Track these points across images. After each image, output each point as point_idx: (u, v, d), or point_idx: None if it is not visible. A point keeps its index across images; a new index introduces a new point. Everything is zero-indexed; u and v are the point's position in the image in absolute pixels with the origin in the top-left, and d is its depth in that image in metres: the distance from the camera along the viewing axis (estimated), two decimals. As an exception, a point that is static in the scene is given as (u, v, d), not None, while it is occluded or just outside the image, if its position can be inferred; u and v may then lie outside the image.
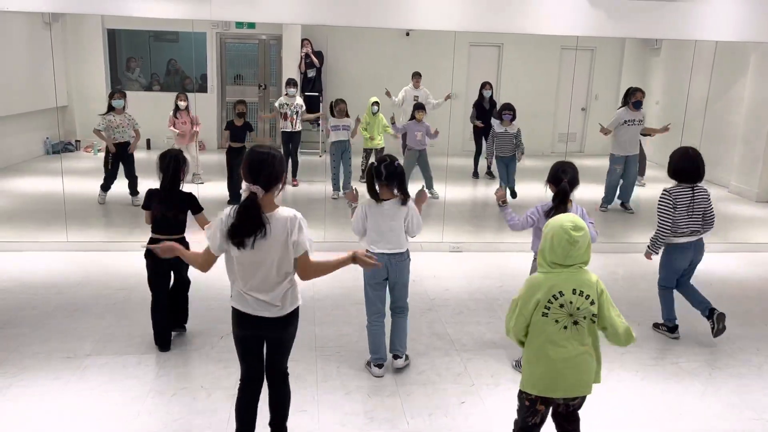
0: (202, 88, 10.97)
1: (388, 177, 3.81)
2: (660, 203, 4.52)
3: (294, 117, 8.67)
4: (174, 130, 8.34)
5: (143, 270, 4.22)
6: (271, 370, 3.11)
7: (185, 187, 4.27)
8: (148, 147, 9.63)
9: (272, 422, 3.19)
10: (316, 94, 9.75)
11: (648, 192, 8.91)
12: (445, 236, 6.83)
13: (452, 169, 8.54)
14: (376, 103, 8.63)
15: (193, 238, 4.08)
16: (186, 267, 4.34)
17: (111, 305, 4.96)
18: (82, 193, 7.76)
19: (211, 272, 3.03)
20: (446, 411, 3.69)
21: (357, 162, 8.82)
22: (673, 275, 4.67)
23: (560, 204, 3.90)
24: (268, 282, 2.87)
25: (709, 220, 4.56)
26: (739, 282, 6.10)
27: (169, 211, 4.12)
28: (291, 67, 9.61)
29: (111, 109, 7.50)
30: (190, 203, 4.22)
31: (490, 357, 4.35)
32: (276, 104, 8.84)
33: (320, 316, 4.88)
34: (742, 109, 9.44)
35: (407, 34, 9.97)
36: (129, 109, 7.66)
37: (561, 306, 2.73)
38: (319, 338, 4.53)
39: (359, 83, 10.04)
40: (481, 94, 9.75)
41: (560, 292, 2.73)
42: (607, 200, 8.31)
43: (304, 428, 3.45)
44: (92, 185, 7.83)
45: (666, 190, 4.52)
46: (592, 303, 2.75)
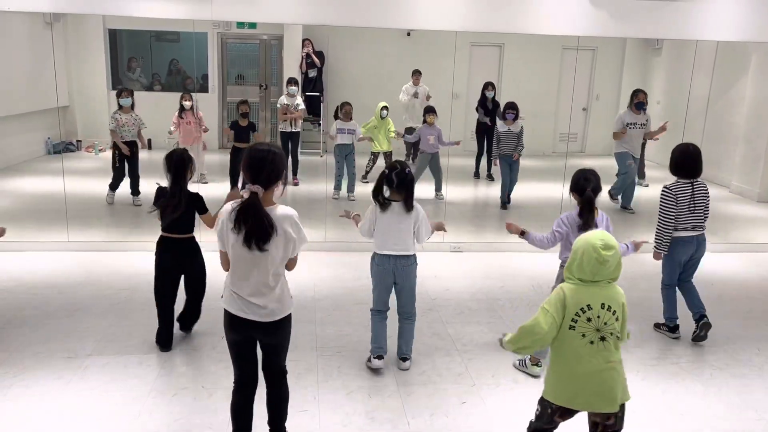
0: (203, 88, 10.96)
1: (398, 185, 3.91)
2: (662, 200, 4.56)
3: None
4: (172, 130, 8.29)
5: (144, 270, 4.23)
6: (268, 370, 3.09)
7: (192, 186, 4.28)
8: (149, 147, 9.62)
9: (271, 422, 3.18)
10: (317, 94, 9.74)
11: (648, 192, 8.89)
12: (446, 236, 6.79)
13: (453, 170, 8.54)
14: (386, 107, 8.60)
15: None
16: (198, 267, 4.30)
17: (112, 305, 4.96)
18: (84, 193, 7.77)
19: (211, 272, 3.03)
20: (447, 411, 3.69)
21: (362, 163, 8.79)
22: (676, 269, 4.68)
23: (588, 214, 3.89)
24: (262, 284, 2.87)
25: (706, 214, 4.62)
26: (741, 282, 6.09)
27: (175, 211, 4.12)
28: (292, 67, 9.60)
29: (119, 107, 7.52)
30: (196, 203, 4.23)
31: (491, 357, 4.35)
32: (278, 104, 8.84)
33: (321, 316, 4.88)
34: (743, 109, 9.43)
35: (408, 34, 9.95)
36: (130, 109, 7.66)
37: (588, 320, 2.71)
38: (319, 338, 4.53)
39: (360, 83, 10.04)
40: (483, 95, 9.75)
41: (588, 306, 2.72)
42: (618, 193, 8.27)
43: (305, 428, 3.45)
44: (94, 185, 7.83)
45: (666, 187, 4.57)
46: (617, 319, 2.74)
